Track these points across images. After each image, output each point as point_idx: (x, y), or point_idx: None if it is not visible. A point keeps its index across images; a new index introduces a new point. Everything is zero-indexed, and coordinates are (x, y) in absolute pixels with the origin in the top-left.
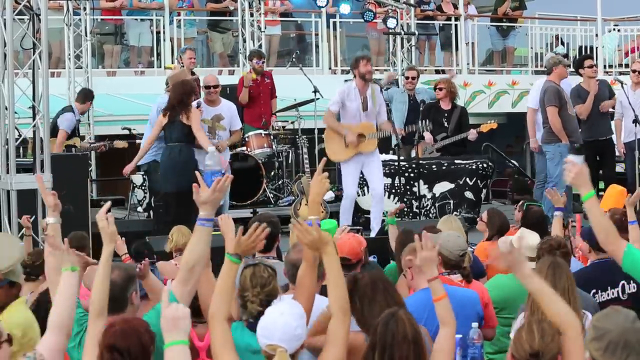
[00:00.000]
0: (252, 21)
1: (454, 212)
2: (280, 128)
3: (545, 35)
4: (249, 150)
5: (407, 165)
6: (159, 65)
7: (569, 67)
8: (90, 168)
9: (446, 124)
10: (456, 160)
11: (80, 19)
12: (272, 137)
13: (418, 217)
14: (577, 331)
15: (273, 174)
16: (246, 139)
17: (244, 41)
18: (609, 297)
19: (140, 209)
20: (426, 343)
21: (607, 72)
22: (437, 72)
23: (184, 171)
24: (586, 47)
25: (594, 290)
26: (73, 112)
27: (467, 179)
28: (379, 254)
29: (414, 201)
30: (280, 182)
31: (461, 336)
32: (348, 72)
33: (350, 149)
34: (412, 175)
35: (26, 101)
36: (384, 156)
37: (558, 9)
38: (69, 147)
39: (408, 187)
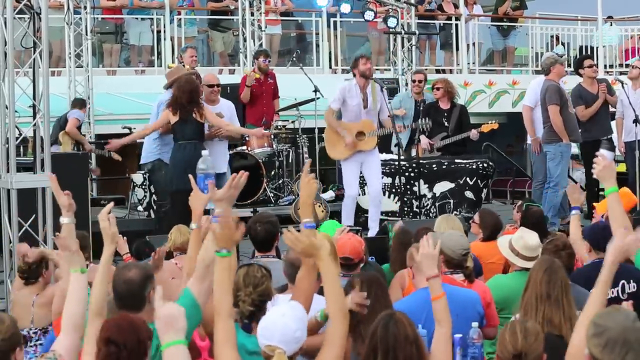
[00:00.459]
0: (253, 20)
1: (454, 212)
2: (281, 127)
3: (545, 35)
4: (249, 149)
5: (407, 165)
6: (159, 65)
7: (569, 66)
8: (91, 167)
9: (446, 123)
10: (456, 160)
11: (80, 18)
12: (272, 137)
13: (418, 217)
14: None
15: (273, 173)
16: (247, 138)
17: (244, 40)
18: (609, 297)
19: (140, 208)
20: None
21: (607, 72)
22: (438, 71)
23: None
24: (586, 47)
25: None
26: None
27: (468, 179)
28: (377, 254)
29: (414, 201)
30: (280, 181)
31: (461, 336)
32: (348, 72)
33: (350, 147)
34: (412, 174)
35: (26, 100)
36: (384, 156)
37: (558, 9)
38: (78, 143)
39: (408, 187)
